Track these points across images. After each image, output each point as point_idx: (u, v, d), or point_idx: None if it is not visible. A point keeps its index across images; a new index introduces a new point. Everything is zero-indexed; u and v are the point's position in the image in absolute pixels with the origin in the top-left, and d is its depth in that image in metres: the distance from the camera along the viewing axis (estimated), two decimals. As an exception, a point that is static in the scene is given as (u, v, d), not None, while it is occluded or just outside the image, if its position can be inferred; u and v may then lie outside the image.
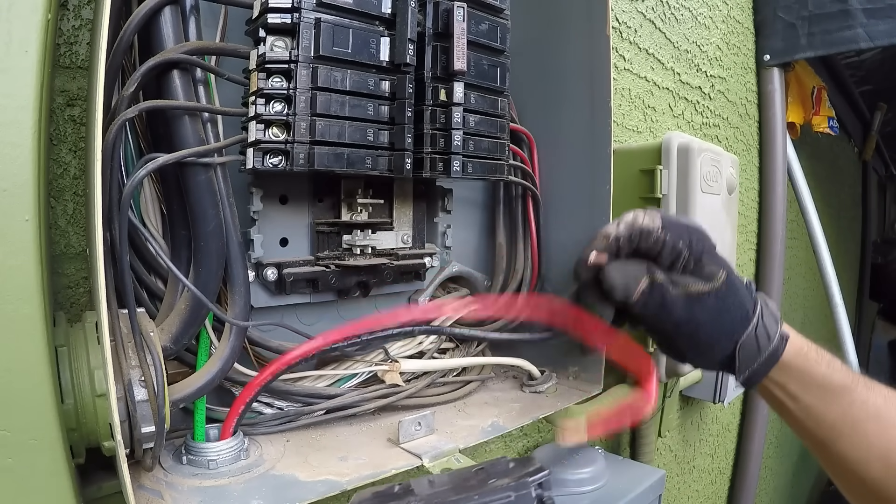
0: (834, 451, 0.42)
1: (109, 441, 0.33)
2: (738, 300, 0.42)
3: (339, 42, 0.39)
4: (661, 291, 0.41)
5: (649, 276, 0.42)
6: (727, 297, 0.42)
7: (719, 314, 0.42)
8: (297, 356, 0.42)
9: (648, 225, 0.42)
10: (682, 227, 0.43)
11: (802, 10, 1.22)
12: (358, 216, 0.49)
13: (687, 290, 0.41)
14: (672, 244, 0.42)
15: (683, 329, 0.42)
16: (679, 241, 0.42)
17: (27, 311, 0.27)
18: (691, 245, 0.42)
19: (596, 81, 0.53)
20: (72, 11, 0.41)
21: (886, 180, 2.96)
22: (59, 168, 0.41)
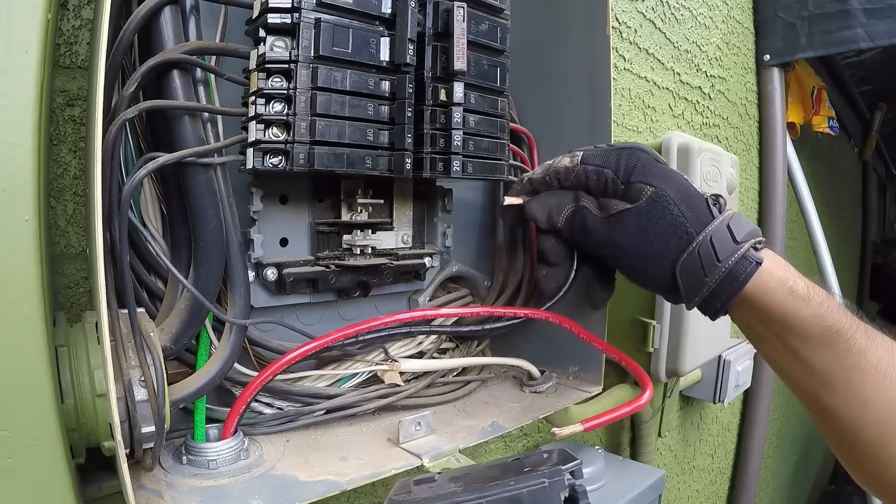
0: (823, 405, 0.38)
1: (109, 441, 0.33)
2: (668, 216, 0.39)
3: (339, 42, 0.39)
4: (583, 216, 0.42)
5: (574, 203, 0.42)
6: (652, 214, 0.39)
7: (643, 233, 0.40)
8: (297, 356, 0.42)
9: (566, 164, 0.43)
10: (608, 153, 0.42)
11: (802, 10, 1.22)
12: (358, 216, 0.49)
13: (607, 212, 0.41)
14: (595, 173, 0.42)
15: (606, 251, 0.42)
16: (603, 169, 0.41)
17: (27, 311, 0.27)
18: (618, 167, 0.41)
19: (596, 81, 0.53)
20: (72, 11, 0.41)
21: (886, 180, 2.96)
22: (59, 168, 0.41)
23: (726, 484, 1.42)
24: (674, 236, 0.39)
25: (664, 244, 0.39)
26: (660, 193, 0.40)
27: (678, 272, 0.40)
